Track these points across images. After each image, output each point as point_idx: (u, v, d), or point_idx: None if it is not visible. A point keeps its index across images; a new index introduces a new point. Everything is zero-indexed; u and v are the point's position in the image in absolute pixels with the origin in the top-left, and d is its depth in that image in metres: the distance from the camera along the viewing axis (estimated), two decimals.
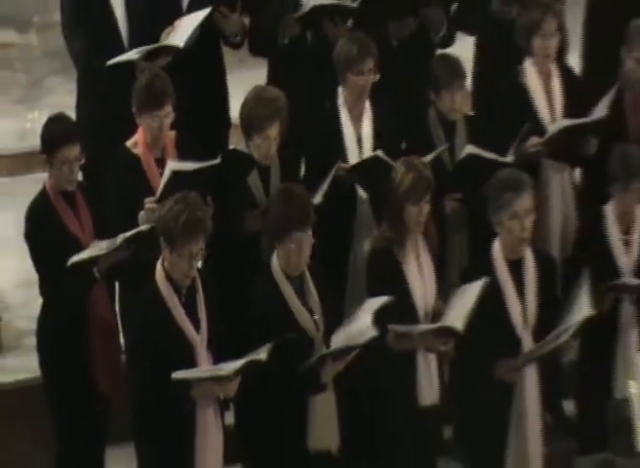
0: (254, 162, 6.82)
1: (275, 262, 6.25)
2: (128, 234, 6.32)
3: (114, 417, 6.62)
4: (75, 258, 6.30)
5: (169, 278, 6.01)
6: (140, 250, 6.30)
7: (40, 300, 6.65)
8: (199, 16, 7.38)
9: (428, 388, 6.51)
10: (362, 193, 7.03)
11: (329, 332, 6.21)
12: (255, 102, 6.82)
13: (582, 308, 6.34)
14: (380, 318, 6.14)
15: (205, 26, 7.40)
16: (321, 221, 6.54)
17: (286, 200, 6.36)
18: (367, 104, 7.18)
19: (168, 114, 6.73)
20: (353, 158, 7.04)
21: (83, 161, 6.55)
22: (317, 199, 6.69)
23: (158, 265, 6.03)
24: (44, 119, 6.76)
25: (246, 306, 6.29)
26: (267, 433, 6.25)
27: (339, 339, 6.13)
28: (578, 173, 7.58)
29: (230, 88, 7.82)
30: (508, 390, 6.46)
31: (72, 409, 6.59)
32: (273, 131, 6.76)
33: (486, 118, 7.55)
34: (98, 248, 6.37)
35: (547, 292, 6.55)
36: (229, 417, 6.49)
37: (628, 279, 6.72)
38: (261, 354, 5.84)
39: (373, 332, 6.03)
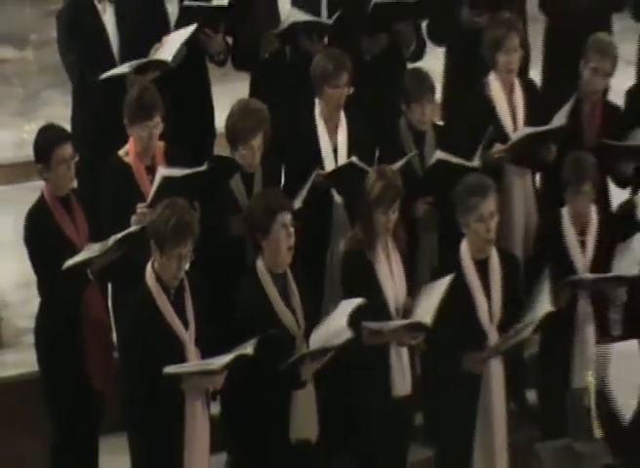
0: (239, 167, 6.79)
1: (260, 263, 6.26)
2: (118, 236, 6.31)
3: (108, 407, 6.57)
4: (70, 262, 6.28)
5: (159, 279, 6.01)
6: (131, 251, 6.28)
7: (38, 300, 6.63)
8: (185, 32, 7.36)
9: (401, 380, 6.51)
10: (338, 198, 7.00)
11: (309, 330, 6.21)
12: (240, 115, 6.81)
13: (543, 305, 6.38)
14: (355, 316, 6.13)
15: (191, 44, 7.38)
16: (301, 224, 6.52)
17: (265, 193, 6.48)
18: (342, 116, 7.14)
19: (157, 125, 6.71)
20: (329, 166, 7.02)
21: (77, 158, 6.50)
22: (297, 204, 6.68)
23: (148, 267, 6.04)
24: None
25: (233, 306, 6.28)
26: (252, 424, 6.26)
27: (316, 339, 6.14)
28: (538, 177, 7.58)
29: (215, 100, 7.81)
30: (475, 381, 6.47)
31: (68, 403, 6.56)
32: (257, 141, 6.76)
33: (454, 127, 7.55)
34: (91, 250, 6.35)
35: (511, 288, 6.54)
36: (215, 407, 6.48)
37: (584, 275, 6.73)
38: (248, 348, 5.85)
39: (348, 334, 6.04)
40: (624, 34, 8.45)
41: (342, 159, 7.05)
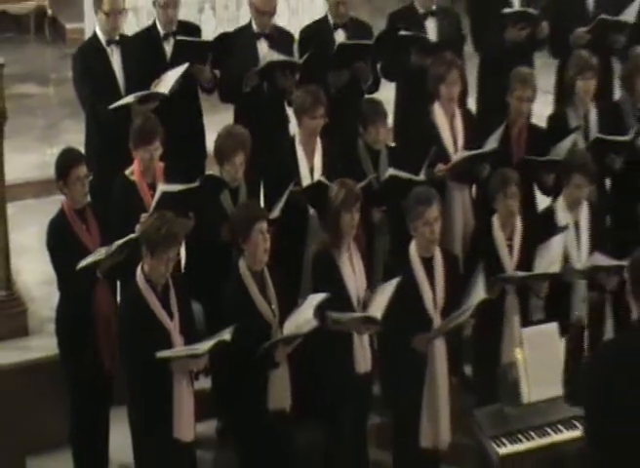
0: (226, 184, 6.78)
1: (242, 263, 6.27)
2: (120, 241, 6.32)
3: (117, 384, 6.56)
4: (82, 263, 6.31)
5: (147, 279, 6.01)
6: (133, 253, 6.24)
7: (57, 294, 6.66)
8: (179, 70, 7.36)
9: (362, 359, 6.52)
10: (312, 210, 6.97)
11: (283, 319, 6.22)
12: (224, 137, 6.82)
13: (477, 294, 6.40)
14: (322, 308, 6.19)
15: (185, 79, 7.37)
16: (280, 231, 6.60)
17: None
18: (318, 141, 7.11)
19: (157, 148, 6.72)
20: (305, 182, 6.99)
21: (90, 177, 6.50)
22: (275, 214, 6.68)
23: (138, 269, 6.04)
24: None
25: (220, 298, 6.29)
26: (237, 397, 6.28)
27: (288, 327, 6.16)
28: (474, 189, 7.59)
29: (206, 127, 7.79)
30: (423, 358, 6.48)
31: (83, 380, 6.59)
32: (239, 159, 6.74)
33: (403, 147, 7.56)
34: (99, 253, 6.36)
35: (452, 282, 6.55)
36: (206, 383, 6.55)
37: (512, 272, 6.73)
38: (226, 335, 5.88)
39: (314, 323, 6.09)
40: (544, 68, 8.48)
41: (317, 177, 7.00)
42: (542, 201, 7.62)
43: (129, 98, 7.22)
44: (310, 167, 7.09)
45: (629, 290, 5.33)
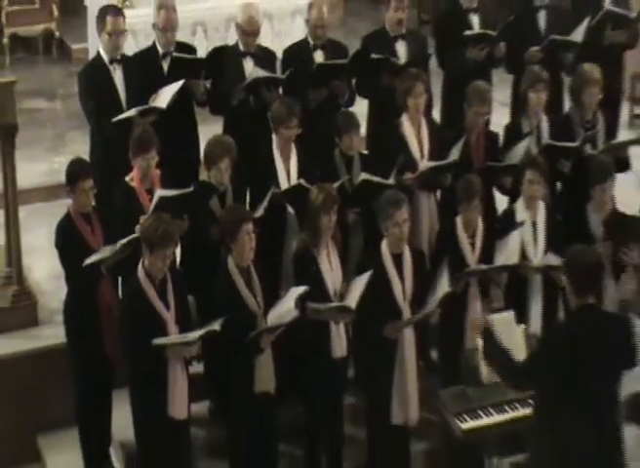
0: (216, 189, 6.79)
1: (230, 260, 6.28)
2: (124, 241, 6.34)
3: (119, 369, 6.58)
4: (88, 260, 6.33)
5: (147, 274, 6.04)
6: (134, 252, 6.27)
7: (65, 289, 6.68)
8: (175, 86, 7.35)
9: (338, 345, 6.53)
10: (291, 210, 6.98)
11: (267, 310, 6.24)
12: (212, 145, 6.83)
13: (442, 287, 6.44)
14: (302, 300, 6.21)
15: (181, 94, 7.34)
16: (263, 229, 6.60)
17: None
18: (293, 148, 7.13)
19: (153, 157, 6.71)
20: (284, 185, 7.00)
21: (95, 191, 6.54)
22: (259, 213, 6.70)
23: (139, 265, 6.07)
24: (66, 161, 6.77)
25: (211, 292, 6.31)
26: (227, 380, 6.31)
27: (272, 317, 6.18)
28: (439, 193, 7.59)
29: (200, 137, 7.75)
30: (393, 344, 6.51)
31: (88, 365, 6.61)
32: (224, 164, 6.73)
33: (375, 154, 7.57)
34: (103, 252, 6.39)
35: (419, 276, 6.57)
36: (198, 368, 6.54)
37: (474, 266, 6.75)
38: (215, 326, 5.91)
39: (294, 314, 6.12)
40: (501, 83, 8.50)
41: (293, 180, 7.03)
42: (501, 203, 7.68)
43: (130, 112, 7.21)
44: (287, 170, 7.07)
45: (567, 280, 5.41)
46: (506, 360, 5.65)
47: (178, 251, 6.70)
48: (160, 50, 7.68)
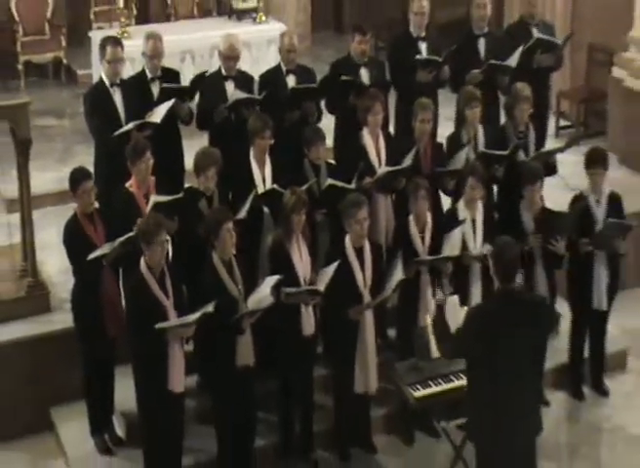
0: (202, 194, 6.78)
1: (214, 255, 6.25)
2: (122, 238, 6.33)
3: (121, 348, 6.57)
4: (91, 255, 6.33)
5: (149, 267, 6.03)
6: (132, 248, 6.25)
7: (72, 280, 6.66)
8: (167, 104, 7.35)
9: (308, 324, 6.51)
10: (266, 210, 6.97)
11: (247, 296, 6.22)
12: (200, 155, 6.81)
13: (397, 275, 6.45)
14: (278, 286, 6.22)
15: (168, 115, 7.35)
16: (243, 227, 6.59)
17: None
18: (267, 157, 7.11)
19: (149, 158, 6.67)
20: (260, 189, 6.98)
21: (96, 191, 6.49)
22: (241, 214, 6.67)
23: (142, 261, 6.05)
24: None
25: (198, 281, 6.31)
26: (213, 356, 6.30)
27: (251, 302, 6.18)
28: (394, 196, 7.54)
29: (186, 149, 7.70)
30: (356, 324, 6.52)
31: (93, 346, 6.60)
32: (211, 172, 6.71)
33: (339, 163, 7.58)
34: (105, 248, 6.38)
35: (377, 266, 6.59)
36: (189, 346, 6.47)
37: (424, 257, 6.79)
38: (209, 308, 5.92)
39: (270, 300, 6.12)
40: (446, 101, 8.48)
41: (268, 185, 7.00)
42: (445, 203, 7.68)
43: (129, 126, 7.19)
44: (262, 176, 7.05)
45: (492, 267, 5.46)
46: (446, 336, 5.69)
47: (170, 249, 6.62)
48: (148, 75, 7.65)
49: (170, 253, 6.53)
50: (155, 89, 7.60)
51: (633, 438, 7.05)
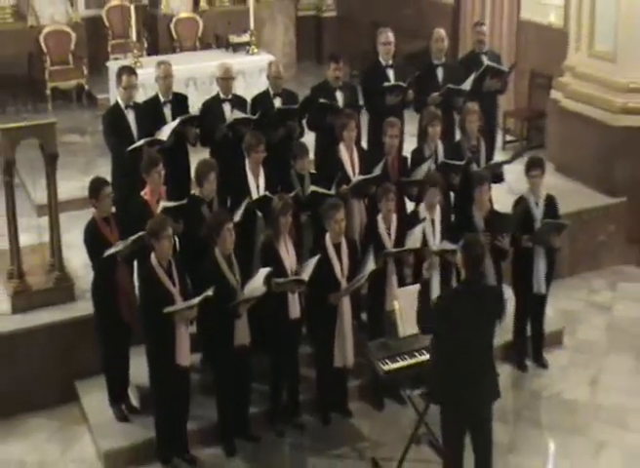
0: (203, 201, 6.74)
1: (216, 250, 6.21)
2: (133, 237, 6.30)
3: (135, 332, 6.50)
4: (107, 252, 6.30)
5: (158, 261, 6.02)
6: (142, 246, 6.22)
7: (92, 273, 6.62)
8: (172, 124, 7.35)
9: (294, 308, 6.47)
10: (259, 214, 6.94)
11: (243, 286, 6.21)
12: (200, 164, 6.78)
13: (369, 265, 6.44)
14: (269, 277, 6.21)
15: (178, 136, 7.37)
16: (240, 228, 6.56)
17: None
18: (261, 169, 7.08)
19: (161, 169, 6.63)
20: (255, 196, 6.95)
21: (113, 195, 6.43)
22: (237, 218, 6.66)
23: (152, 255, 6.03)
24: None
25: (200, 273, 6.28)
26: (213, 336, 6.30)
27: (246, 290, 6.16)
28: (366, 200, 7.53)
29: (191, 162, 7.65)
30: (335, 308, 6.51)
31: (110, 330, 6.56)
32: (212, 177, 6.67)
33: (320, 173, 7.52)
34: (118, 245, 6.34)
35: (353, 258, 6.58)
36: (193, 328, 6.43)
37: (390, 249, 6.75)
38: (209, 292, 5.91)
39: (263, 289, 6.11)
40: (410, 120, 8.47)
41: (262, 192, 6.97)
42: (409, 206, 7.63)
43: (140, 142, 7.18)
44: (257, 185, 7.03)
45: (461, 260, 5.50)
46: (421, 313, 5.69)
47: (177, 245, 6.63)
48: (161, 98, 7.64)
49: (177, 248, 6.53)
50: (167, 111, 7.59)
51: (566, 402, 7.12)
